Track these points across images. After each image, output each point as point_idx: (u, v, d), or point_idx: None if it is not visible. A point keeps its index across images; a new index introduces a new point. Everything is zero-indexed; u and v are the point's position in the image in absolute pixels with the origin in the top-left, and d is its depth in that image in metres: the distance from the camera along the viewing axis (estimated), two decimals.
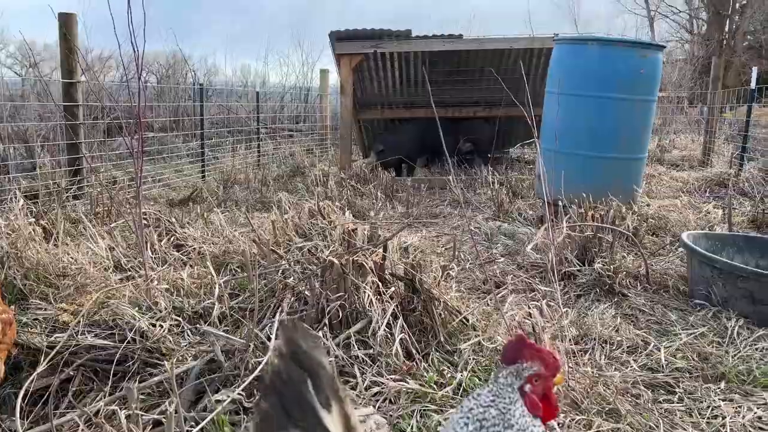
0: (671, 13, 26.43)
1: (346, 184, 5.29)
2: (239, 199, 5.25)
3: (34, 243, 2.62)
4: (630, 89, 3.97)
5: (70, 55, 5.03)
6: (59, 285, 2.52)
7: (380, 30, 6.02)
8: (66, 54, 5.04)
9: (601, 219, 3.44)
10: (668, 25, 26.84)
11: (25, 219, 2.81)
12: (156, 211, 3.63)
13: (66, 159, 5.12)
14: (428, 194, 5.83)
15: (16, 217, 2.78)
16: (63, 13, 5.02)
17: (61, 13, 5.03)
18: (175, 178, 6.81)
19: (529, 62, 6.67)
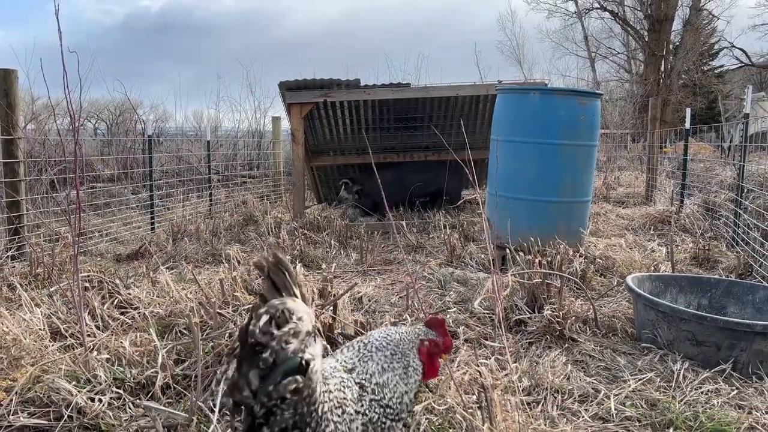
0: (610, 54, 27.79)
1: (299, 233, 5.25)
2: (189, 252, 5.13)
3: None
4: (571, 135, 4.12)
5: (9, 112, 4.90)
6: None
7: (329, 79, 6.11)
8: (6, 111, 4.91)
9: (549, 264, 3.50)
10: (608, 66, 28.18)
11: None
12: (99, 271, 3.50)
13: (5, 217, 4.92)
14: (382, 239, 5.84)
15: None
16: (2, 69, 4.92)
17: (1, 69, 4.93)
18: (123, 230, 6.63)
19: (476, 107, 6.87)
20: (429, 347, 1.61)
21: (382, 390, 1.51)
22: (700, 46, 25.21)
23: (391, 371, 1.54)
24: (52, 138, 9.83)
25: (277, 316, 1.28)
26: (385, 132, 7.16)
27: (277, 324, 1.27)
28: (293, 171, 6.60)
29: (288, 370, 1.27)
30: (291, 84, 6.13)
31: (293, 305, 1.33)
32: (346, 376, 1.48)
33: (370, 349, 1.57)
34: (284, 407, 1.27)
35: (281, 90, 6.19)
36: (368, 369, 1.52)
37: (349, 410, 1.43)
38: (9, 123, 4.90)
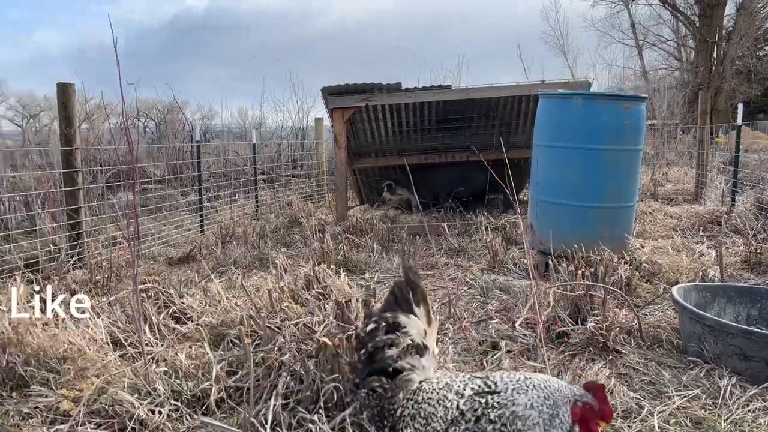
0: (659, 42, 26.94)
1: (342, 238, 5.35)
2: (237, 257, 5.29)
3: (35, 328, 2.66)
4: (615, 140, 4.07)
5: (68, 124, 5.15)
6: (60, 369, 2.56)
7: (371, 84, 6.18)
8: (64, 123, 5.16)
9: (593, 273, 3.49)
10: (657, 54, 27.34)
11: (27, 304, 2.86)
12: (154, 280, 3.67)
13: (67, 224, 5.18)
14: (424, 242, 5.89)
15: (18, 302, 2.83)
16: (61, 83, 5.17)
17: (59, 84, 5.18)
18: (174, 233, 6.87)
19: (518, 105, 6.82)
20: (583, 409, 1.53)
21: (515, 422, 1.50)
22: (755, 31, 24.18)
23: (537, 411, 1.51)
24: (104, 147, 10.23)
25: (383, 326, 1.59)
26: (426, 133, 7.19)
27: (386, 332, 1.59)
28: (336, 174, 6.71)
29: (376, 370, 1.57)
30: (333, 89, 6.23)
31: (404, 320, 1.62)
32: (451, 397, 1.58)
33: (528, 385, 1.57)
34: (371, 397, 1.58)
35: (324, 95, 6.30)
36: (517, 399, 1.53)
37: (435, 425, 1.54)
38: (68, 134, 5.16)
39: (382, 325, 1.59)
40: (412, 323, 1.62)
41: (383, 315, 1.62)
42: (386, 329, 1.60)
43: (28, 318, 2.72)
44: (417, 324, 1.64)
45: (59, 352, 2.62)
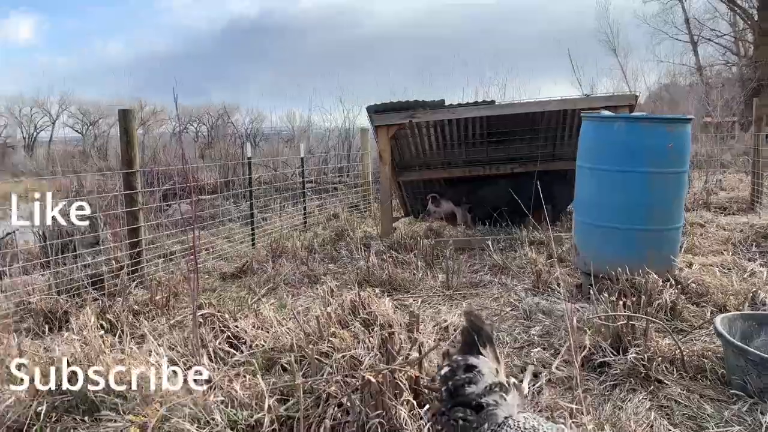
0: (715, 37, 26.01)
1: (387, 256, 5.48)
2: (287, 273, 5.49)
3: (105, 354, 2.89)
4: (659, 163, 4.05)
5: (129, 148, 5.46)
6: (126, 395, 2.78)
7: (414, 101, 6.30)
8: (125, 146, 5.48)
9: (636, 299, 3.50)
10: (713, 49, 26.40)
11: (97, 331, 3.10)
12: (210, 305, 3.88)
13: (127, 243, 5.49)
14: (468, 258, 5.95)
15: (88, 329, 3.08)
16: (122, 110, 5.51)
17: (120, 110, 5.53)
18: (226, 246, 7.16)
19: (563, 118, 6.80)
20: None
21: None
22: None
23: None
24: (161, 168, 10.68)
25: (456, 368, 1.81)
26: (471, 146, 7.25)
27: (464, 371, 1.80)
28: (381, 190, 6.85)
29: (461, 403, 1.76)
30: (378, 107, 6.37)
31: (476, 361, 1.81)
32: None
33: None
34: (455, 427, 1.76)
35: (369, 113, 6.45)
36: None
37: None
38: (129, 158, 5.47)
39: (457, 367, 1.81)
40: (482, 363, 1.81)
41: (455, 358, 1.84)
42: (464, 369, 1.81)
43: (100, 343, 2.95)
44: (487, 363, 1.83)
45: (126, 380, 2.84)
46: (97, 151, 41.77)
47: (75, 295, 4.73)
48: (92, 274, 5.12)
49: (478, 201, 7.29)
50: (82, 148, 44.18)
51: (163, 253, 6.37)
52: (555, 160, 7.09)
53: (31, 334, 4.00)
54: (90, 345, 2.93)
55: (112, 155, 39.96)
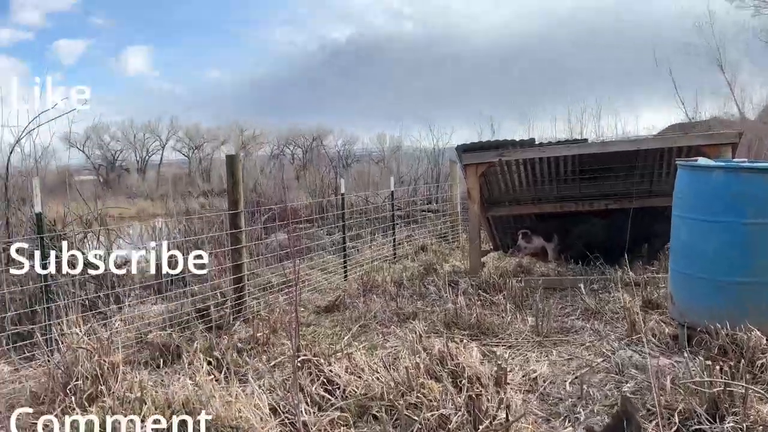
0: None
1: (474, 297, 5.54)
2: (377, 310, 5.67)
3: (214, 399, 3.17)
4: (763, 214, 3.88)
5: (235, 189, 5.90)
6: None
7: (504, 141, 6.36)
8: (231, 188, 5.92)
9: (737, 359, 3.36)
10: None
11: (206, 375, 3.41)
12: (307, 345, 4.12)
13: (231, 279, 5.91)
14: (560, 300, 5.89)
15: (198, 371, 3.39)
16: (229, 156, 5.97)
17: (227, 155, 5.99)
18: (320, 277, 7.49)
19: (659, 155, 6.59)
20: None
21: None
22: None
23: None
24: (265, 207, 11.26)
25: None
26: (562, 182, 7.17)
27: None
28: (470, 227, 6.93)
29: None
30: (467, 146, 6.49)
31: None
32: None
33: None
34: None
35: (458, 152, 6.57)
36: None
37: None
38: (235, 199, 5.91)
39: None
40: None
41: None
42: None
43: (209, 390, 3.24)
44: None
45: (232, 422, 3.10)
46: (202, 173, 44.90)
47: (185, 328, 5.18)
48: (200, 308, 5.56)
49: (570, 238, 7.18)
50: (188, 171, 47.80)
51: (263, 285, 6.78)
52: (652, 196, 6.87)
53: (149, 368, 4.41)
54: (201, 389, 3.22)
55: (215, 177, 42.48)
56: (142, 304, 6.14)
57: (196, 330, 5.10)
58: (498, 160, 6.42)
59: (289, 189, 16.38)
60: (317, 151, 41.04)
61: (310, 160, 38.56)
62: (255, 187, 13.55)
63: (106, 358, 3.92)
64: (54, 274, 5.19)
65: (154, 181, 41.65)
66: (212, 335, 4.82)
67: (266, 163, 45.61)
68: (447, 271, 7.23)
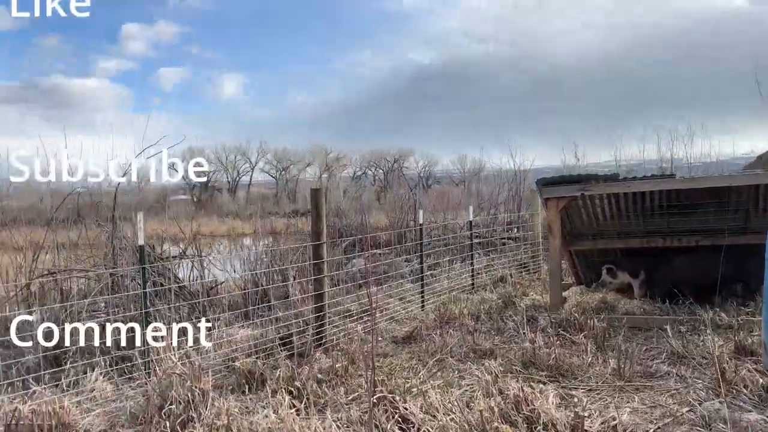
0: None
1: (553, 336, 5.45)
2: (453, 345, 5.70)
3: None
4: None
5: (318, 221, 6.15)
6: None
7: (586, 175, 6.25)
8: (315, 220, 6.17)
9: None
10: None
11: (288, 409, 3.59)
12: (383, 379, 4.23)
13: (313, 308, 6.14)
14: (645, 339, 5.68)
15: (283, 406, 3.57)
16: (313, 189, 6.25)
17: (312, 189, 6.27)
18: (397, 305, 7.59)
19: (755, 189, 6.24)
20: None
21: None
22: None
23: None
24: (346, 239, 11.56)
25: None
26: (649, 217, 6.93)
27: None
28: (549, 262, 6.83)
29: None
30: (548, 180, 6.43)
31: None
32: None
33: None
34: None
35: (538, 186, 6.53)
36: None
37: None
38: (318, 231, 6.15)
39: None
40: None
41: None
42: None
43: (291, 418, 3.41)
44: None
45: None
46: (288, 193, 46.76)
47: (269, 355, 5.43)
48: (283, 335, 5.81)
49: (658, 274, 6.91)
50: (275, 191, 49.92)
51: (343, 313, 6.97)
52: (747, 232, 6.50)
53: (235, 393, 4.66)
54: (283, 422, 3.39)
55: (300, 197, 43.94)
56: (230, 327, 6.48)
57: (279, 357, 5.34)
58: (581, 194, 6.32)
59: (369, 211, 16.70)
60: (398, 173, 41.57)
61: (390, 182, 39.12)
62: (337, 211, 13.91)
63: (198, 385, 4.21)
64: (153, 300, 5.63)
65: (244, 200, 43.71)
66: (294, 363, 5.02)
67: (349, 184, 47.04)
68: (526, 305, 7.14)
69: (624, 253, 7.32)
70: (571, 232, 7.32)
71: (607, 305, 6.82)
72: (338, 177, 45.22)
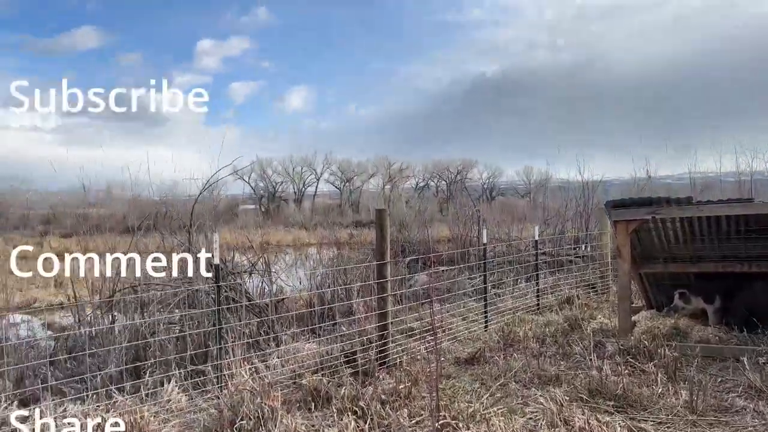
0: None
1: (622, 365, 5.31)
2: (517, 369, 5.65)
3: None
4: None
5: (382, 242, 6.26)
6: None
7: (658, 197, 6.08)
8: (380, 240, 6.28)
9: None
10: None
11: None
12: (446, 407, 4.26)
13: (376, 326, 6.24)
14: (720, 370, 5.45)
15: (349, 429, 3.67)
16: (378, 209, 6.37)
17: (377, 210, 6.39)
18: (460, 325, 7.58)
19: None
20: None
21: None
22: None
23: None
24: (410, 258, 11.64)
25: None
26: (724, 240, 6.65)
27: None
28: (618, 286, 6.66)
29: None
30: (617, 202, 6.30)
31: None
32: None
33: None
34: None
35: (607, 208, 6.39)
36: None
37: None
38: (382, 251, 6.26)
39: None
40: None
41: None
42: None
43: None
44: None
45: None
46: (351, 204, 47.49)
47: (334, 372, 5.56)
48: (347, 352, 5.93)
49: (734, 301, 6.61)
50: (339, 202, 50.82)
51: (405, 331, 7.03)
52: None
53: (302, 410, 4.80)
54: None
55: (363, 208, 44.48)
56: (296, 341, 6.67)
57: (343, 374, 5.46)
58: (651, 218, 6.15)
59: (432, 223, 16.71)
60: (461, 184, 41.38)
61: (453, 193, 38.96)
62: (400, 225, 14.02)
63: (267, 401, 4.38)
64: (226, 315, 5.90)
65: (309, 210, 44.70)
66: (358, 383, 5.13)
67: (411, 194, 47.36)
68: (593, 328, 6.97)
69: (698, 277, 7.04)
70: (641, 255, 7.11)
71: (679, 332, 6.57)
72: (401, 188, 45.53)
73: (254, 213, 43.70)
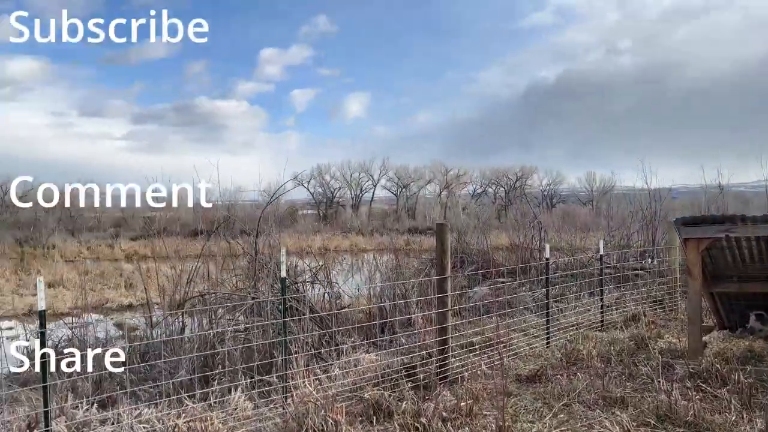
0: None
1: (692, 390, 5.12)
2: (581, 389, 5.53)
3: None
4: None
5: (443, 256, 6.28)
6: None
7: (731, 215, 5.83)
8: (440, 255, 6.31)
9: None
10: None
11: None
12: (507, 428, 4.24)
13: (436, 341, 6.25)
14: None
15: None
16: (439, 224, 6.40)
17: (438, 224, 6.42)
18: (521, 340, 7.48)
19: None
20: None
21: None
22: None
23: None
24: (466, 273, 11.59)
25: None
26: None
27: None
28: (688, 307, 6.42)
29: None
30: (687, 220, 6.08)
31: None
32: None
33: None
34: None
35: (676, 226, 6.18)
36: None
37: None
38: (443, 265, 6.28)
39: None
40: None
41: None
42: None
43: None
44: None
45: None
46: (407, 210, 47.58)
47: (395, 386, 5.61)
48: (407, 366, 5.98)
49: None
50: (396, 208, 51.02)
51: (466, 346, 7.00)
52: None
53: (363, 423, 4.88)
54: None
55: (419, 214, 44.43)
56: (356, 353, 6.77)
57: (403, 388, 5.50)
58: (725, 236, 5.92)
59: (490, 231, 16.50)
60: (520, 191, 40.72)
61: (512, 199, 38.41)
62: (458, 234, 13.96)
63: (331, 414, 4.48)
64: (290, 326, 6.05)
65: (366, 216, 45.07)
66: (418, 398, 5.16)
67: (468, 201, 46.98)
68: (661, 348, 6.74)
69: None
70: (713, 273, 6.83)
71: (754, 355, 6.27)
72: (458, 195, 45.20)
73: (312, 218, 44.47)
